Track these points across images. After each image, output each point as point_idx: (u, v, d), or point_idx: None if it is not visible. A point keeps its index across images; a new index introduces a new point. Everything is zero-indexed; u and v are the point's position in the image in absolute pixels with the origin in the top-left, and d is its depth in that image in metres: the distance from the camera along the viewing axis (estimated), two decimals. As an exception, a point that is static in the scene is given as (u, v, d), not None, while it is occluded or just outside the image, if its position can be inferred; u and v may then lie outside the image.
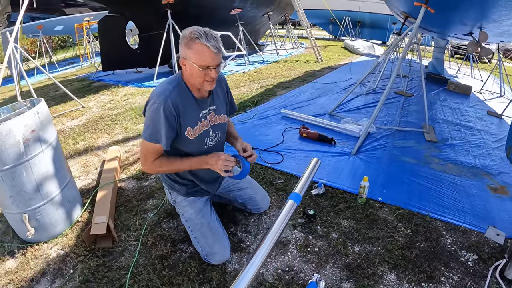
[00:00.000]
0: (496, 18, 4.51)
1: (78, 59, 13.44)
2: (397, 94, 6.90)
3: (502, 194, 3.31)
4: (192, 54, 1.85)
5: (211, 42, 1.82)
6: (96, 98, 6.67)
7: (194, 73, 1.92)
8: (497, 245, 2.52)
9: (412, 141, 4.49)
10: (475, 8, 4.49)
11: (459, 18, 5.27)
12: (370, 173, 3.51)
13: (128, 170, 3.58)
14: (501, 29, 5.03)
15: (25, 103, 2.60)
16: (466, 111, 6.15)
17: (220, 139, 2.33)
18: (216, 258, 2.23)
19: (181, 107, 1.98)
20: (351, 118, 5.04)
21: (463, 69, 11.09)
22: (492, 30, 5.10)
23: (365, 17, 20.56)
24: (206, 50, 1.83)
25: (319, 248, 2.43)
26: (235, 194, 2.64)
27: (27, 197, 2.34)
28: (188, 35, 1.84)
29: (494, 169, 3.83)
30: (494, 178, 3.61)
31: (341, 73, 9.01)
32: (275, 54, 12.39)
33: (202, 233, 2.26)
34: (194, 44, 1.82)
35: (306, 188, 1.82)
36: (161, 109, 1.89)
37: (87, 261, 2.30)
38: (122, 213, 2.82)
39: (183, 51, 1.89)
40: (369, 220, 2.76)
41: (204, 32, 1.82)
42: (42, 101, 2.51)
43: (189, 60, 1.88)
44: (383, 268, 2.27)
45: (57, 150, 2.56)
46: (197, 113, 2.10)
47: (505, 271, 2.23)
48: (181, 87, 2.02)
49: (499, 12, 4.24)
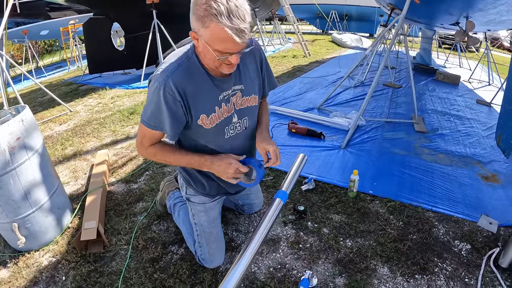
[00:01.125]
0: (482, 7, 4.53)
1: (65, 63, 13.30)
2: (385, 86, 6.93)
3: (494, 182, 3.34)
4: (206, 33, 1.38)
5: (235, 23, 1.32)
6: (84, 101, 6.62)
7: (207, 54, 1.48)
8: (490, 233, 2.54)
9: (402, 133, 4.51)
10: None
11: (445, 8, 5.29)
12: (360, 166, 3.53)
13: (117, 173, 3.56)
14: (487, 17, 5.06)
15: (10, 111, 2.58)
16: (455, 101, 6.19)
17: (248, 125, 1.90)
18: (213, 264, 2.20)
19: (190, 89, 1.58)
20: (340, 112, 5.04)
21: (451, 59, 11.16)
22: (478, 19, 5.13)
23: (352, 10, 20.59)
24: (227, 35, 1.34)
25: (311, 244, 2.43)
26: (239, 197, 2.54)
27: (16, 206, 2.31)
28: (203, 4, 1.32)
29: (485, 157, 3.86)
30: (485, 167, 3.64)
31: (329, 67, 9.03)
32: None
33: (207, 242, 2.15)
34: (211, 23, 1.33)
35: (293, 185, 1.81)
36: (161, 92, 1.52)
37: (79, 267, 2.29)
38: (112, 217, 2.80)
39: (194, 23, 1.40)
40: (360, 214, 2.77)
41: (227, 9, 1.31)
42: (27, 108, 2.48)
43: (200, 37, 1.42)
44: (376, 261, 2.28)
45: (43, 157, 2.53)
46: (215, 96, 1.67)
47: (499, 259, 2.24)
48: (192, 63, 1.60)
49: (484, 1, 4.26)
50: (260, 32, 13.19)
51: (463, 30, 5.07)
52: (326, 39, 16.68)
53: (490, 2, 4.22)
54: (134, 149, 4.12)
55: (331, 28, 20.93)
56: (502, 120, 2.75)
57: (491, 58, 8.17)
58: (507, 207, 2.90)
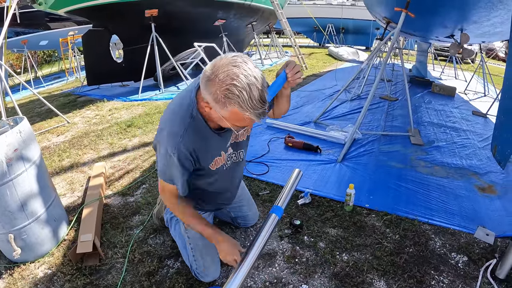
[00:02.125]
0: (476, 19, 4.60)
1: (63, 74, 13.34)
2: (382, 99, 7.01)
3: (490, 193, 3.36)
4: (225, 113, 1.42)
5: (257, 109, 1.35)
6: (82, 113, 6.63)
7: (221, 123, 1.55)
8: (487, 245, 2.56)
9: (398, 145, 4.54)
10: (455, 10, 4.58)
11: (440, 21, 5.37)
12: (356, 180, 3.54)
13: (113, 186, 3.56)
14: (482, 30, 5.13)
15: (8, 122, 2.59)
16: (451, 112, 6.27)
17: (243, 157, 2.10)
18: (208, 278, 2.19)
19: (200, 145, 1.69)
20: (336, 125, 5.08)
21: (447, 71, 11.34)
22: (473, 32, 5.20)
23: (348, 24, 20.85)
24: (249, 118, 1.40)
25: (307, 259, 2.43)
26: (231, 210, 2.61)
27: (12, 217, 2.31)
28: (222, 87, 1.33)
29: (481, 168, 3.89)
30: (482, 178, 3.67)
31: (325, 80, 9.11)
32: (260, 63, 12.46)
33: (202, 255, 2.17)
34: (232, 108, 1.36)
35: (289, 200, 1.83)
36: (174, 158, 1.63)
37: (74, 280, 2.28)
38: (108, 230, 2.80)
39: (210, 100, 1.41)
40: (356, 228, 2.78)
41: (249, 94, 1.31)
42: (25, 119, 2.49)
43: (217, 112, 1.46)
44: (372, 275, 2.28)
45: (41, 168, 2.53)
46: (223, 145, 1.85)
47: (496, 270, 2.26)
48: (197, 122, 1.64)
49: (478, 14, 4.33)
50: (257, 45, 13.26)
51: (458, 43, 5.13)
52: (323, 52, 16.82)
53: (484, 15, 4.28)
54: (130, 162, 4.13)
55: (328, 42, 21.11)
56: (497, 131, 2.77)
57: (487, 69, 8.28)
58: (504, 218, 2.92)
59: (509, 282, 2.18)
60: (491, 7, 3.96)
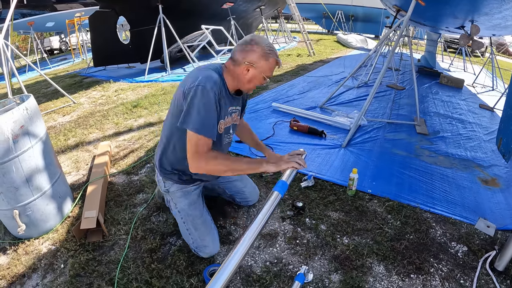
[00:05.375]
0: (488, 11, 4.53)
1: (70, 55, 13.36)
2: (389, 87, 6.96)
3: (493, 186, 3.35)
4: (266, 65, 1.96)
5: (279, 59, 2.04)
6: (88, 94, 6.65)
7: (255, 79, 2.01)
8: (487, 236, 2.55)
9: (403, 134, 4.52)
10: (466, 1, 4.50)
11: (451, 11, 5.29)
12: (360, 165, 3.55)
13: (118, 165, 3.59)
14: (493, 22, 5.05)
15: (14, 100, 2.60)
16: (458, 104, 6.21)
17: (231, 140, 2.35)
18: (206, 250, 2.24)
19: (221, 96, 1.97)
20: (342, 111, 5.07)
21: (456, 63, 11.19)
22: (483, 23, 5.12)
23: (358, 11, 20.58)
24: (276, 65, 2.04)
25: (308, 240, 2.45)
26: (225, 186, 2.65)
27: (18, 193, 2.34)
28: (266, 47, 1.95)
29: (485, 161, 3.87)
30: (485, 170, 3.65)
31: (333, 67, 9.06)
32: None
33: (194, 225, 2.25)
34: (271, 58, 1.97)
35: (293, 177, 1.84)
36: (211, 93, 1.86)
37: (78, 255, 2.31)
38: (112, 208, 2.83)
39: (255, 58, 1.94)
40: (358, 212, 2.79)
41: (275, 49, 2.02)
42: (31, 97, 2.50)
43: (257, 68, 1.96)
44: (372, 259, 2.30)
45: (46, 145, 2.55)
46: (228, 108, 2.10)
47: (495, 262, 2.26)
48: (222, 81, 2.00)
49: (490, 5, 4.25)
50: (265, 30, 13.16)
51: (468, 34, 5.07)
52: (331, 39, 16.69)
53: (496, 7, 4.21)
54: (135, 141, 4.15)
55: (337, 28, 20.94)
56: (503, 124, 2.75)
57: (496, 63, 8.18)
58: (505, 211, 2.91)
59: (507, 274, 2.19)
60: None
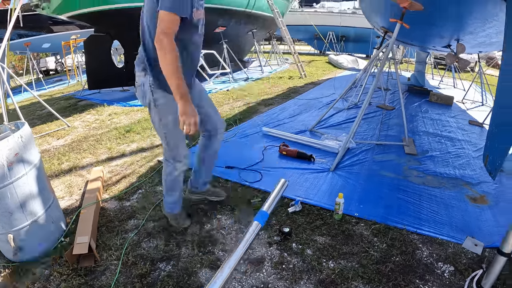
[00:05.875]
0: (472, 30, 4.71)
1: (65, 76, 13.49)
2: (378, 108, 7.10)
3: (481, 203, 3.42)
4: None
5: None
6: (82, 117, 6.75)
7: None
8: (475, 255, 2.62)
9: (391, 155, 4.62)
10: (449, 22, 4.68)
11: (436, 32, 5.49)
12: (348, 189, 3.63)
13: (110, 190, 3.66)
14: (478, 40, 5.24)
15: (10, 126, 2.69)
16: (447, 122, 6.36)
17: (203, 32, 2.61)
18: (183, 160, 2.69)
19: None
20: (331, 134, 5.18)
21: (446, 80, 11.45)
22: (469, 42, 5.31)
23: (349, 32, 20.97)
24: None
25: (294, 265, 2.52)
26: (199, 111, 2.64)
27: (12, 218, 2.41)
28: None
29: (474, 178, 3.96)
30: (474, 188, 3.73)
31: (324, 89, 9.22)
32: (259, 70, 12.60)
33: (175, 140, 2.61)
34: None
35: (274, 207, 1.92)
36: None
37: (70, 280, 2.37)
38: (104, 233, 2.89)
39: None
40: (344, 236, 2.86)
41: None
42: (26, 124, 2.60)
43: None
44: (357, 283, 2.36)
45: (40, 172, 2.63)
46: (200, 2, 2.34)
47: (482, 280, 2.31)
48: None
49: (474, 24, 4.43)
50: (257, 52, 13.38)
51: (454, 53, 5.24)
52: (323, 60, 16.94)
53: (479, 26, 4.38)
54: (128, 167, 4.23)
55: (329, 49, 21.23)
56: (489, 141, 2.85)
57: (484, 79, 8.37)
58: (493, 228, 2.97)
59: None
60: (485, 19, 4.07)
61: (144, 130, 5.66)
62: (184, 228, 2.95)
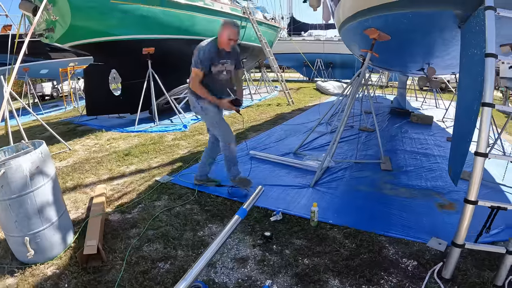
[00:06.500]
0: (438, 54, 5.20)
1: (61, 102, 13.85)
2: (360, 130, 7.58)
3: (450, 209, 3.80)
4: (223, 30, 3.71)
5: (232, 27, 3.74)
6: (82, 141, 7.18)
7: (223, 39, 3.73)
8: (438, 252, 2.98)
9: (368, 172, 5.04)
10: (417, 48, 5.20)
11: (409, 58, 6.01)
12: (325, 201, 4.05)
13: (113, 205, 4.06)
14: (446, 62, 5.76)
15: (27, 144, 3.13)
16: (425, 140, 6.86)
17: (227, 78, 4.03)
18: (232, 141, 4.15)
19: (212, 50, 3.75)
20: (313, 155, 5.61)
21: (429, 100, 12.01)
22: (438, 65, 5.84)
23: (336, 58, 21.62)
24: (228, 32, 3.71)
25: (274, 262, 2.93)
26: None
27: (30, 222, 2.82)
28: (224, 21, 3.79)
29: (445, 188, 4.36)
30: (444, 197, 4.12)
31: (310, 115, 9.77)
32: (249, 98, 13.11)
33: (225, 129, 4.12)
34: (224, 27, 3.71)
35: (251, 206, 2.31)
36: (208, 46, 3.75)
37: (80, 277, 2.75)
38: (109, 239, 3.29)
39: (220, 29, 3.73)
40: (319, 239, 3.27)
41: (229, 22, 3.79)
42: (43, 143, 3.05)
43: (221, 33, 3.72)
44: (328, 275, 2.75)
45: (55, 184, 3.07)
46: (219, 59, 3.83)
47: (442, 271, 2.67)
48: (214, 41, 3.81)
49: (438, 49, 4.91)
50: (247, 81, 13.85)
51: (426, 75, 5.74)
52: (310, 86, 17.49)
53: (443, 49, 4.86)
54: (128, 185, 4.66)
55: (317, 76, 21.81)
56: (452, 152, 3.27)
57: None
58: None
59: (454, 281, 2.62)
60: (445, 43, 4.58)
61: (142, 154, 6.08)
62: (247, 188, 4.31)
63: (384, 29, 4.67)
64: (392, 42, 4.86)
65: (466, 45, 3.25)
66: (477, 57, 2.72)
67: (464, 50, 3.28)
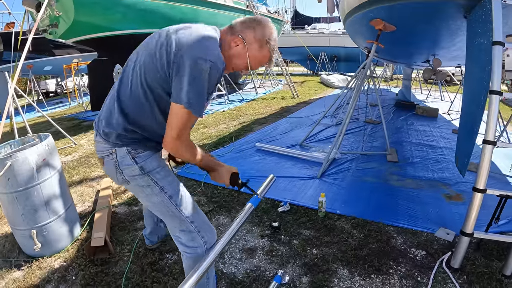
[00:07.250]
0: (444, 45, 5.16)
1: (65, 99, 13.89)
2: (366, 123, 7.55)
3: (457, 200, 3.77)
4: (256, 52, 1.78)
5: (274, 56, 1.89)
6: (87, 136, 7.19)
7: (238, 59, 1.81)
8: (446, 242, 2.98)
9: (374, 163, 5.02)
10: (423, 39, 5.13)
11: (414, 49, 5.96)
12: (332, 192, 4.03)
13: (120, 197, 4.05)
14: (452, 54, 5.70)
15: (33, 137, 3.12)
16: (431, 132, 6.80)
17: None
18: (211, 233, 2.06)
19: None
20: (319, 147, 5.60)
21: (434, 93, 11.93)
22: (444, 56, 5.78)
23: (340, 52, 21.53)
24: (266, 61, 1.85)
25: (282, 252, 2.91)
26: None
27: (36, 215, 2.81)
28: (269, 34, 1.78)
29: (452, 179, 4.33)
30: (451, 188, 4.09)
31: (315, 107, 9.72)
32: (254, 92, 13.09)
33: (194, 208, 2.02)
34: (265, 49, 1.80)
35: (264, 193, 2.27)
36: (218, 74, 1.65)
37: (87, 269, 2.74)
38: (116, 232, 3.28)
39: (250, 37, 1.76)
40: (327, 229, 3.25)
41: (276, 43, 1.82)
42: (50, 136, 3.04)
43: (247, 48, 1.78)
44: (337, 265, 2.74)
45: (61, 177, 3.05)
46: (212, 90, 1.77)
47: (451, 261, 2.66)
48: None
49: (444, 40, 4.87)
50: (251, 75, 13.85)
51: (431, 67, 5.68)
52: (315, 80, 17.43)
53: (449, 40, 4.81)
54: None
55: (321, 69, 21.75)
56: (458, 144, 3.25)
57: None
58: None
59: (463, 271, 2.61)
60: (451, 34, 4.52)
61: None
62: None
63: (389, 20, 4.62)
64: (397, 33, 4.82)
65: (472, 35, 3.23)
66: (484, 46, 2.70)
67: (470, 40, 3.26)
